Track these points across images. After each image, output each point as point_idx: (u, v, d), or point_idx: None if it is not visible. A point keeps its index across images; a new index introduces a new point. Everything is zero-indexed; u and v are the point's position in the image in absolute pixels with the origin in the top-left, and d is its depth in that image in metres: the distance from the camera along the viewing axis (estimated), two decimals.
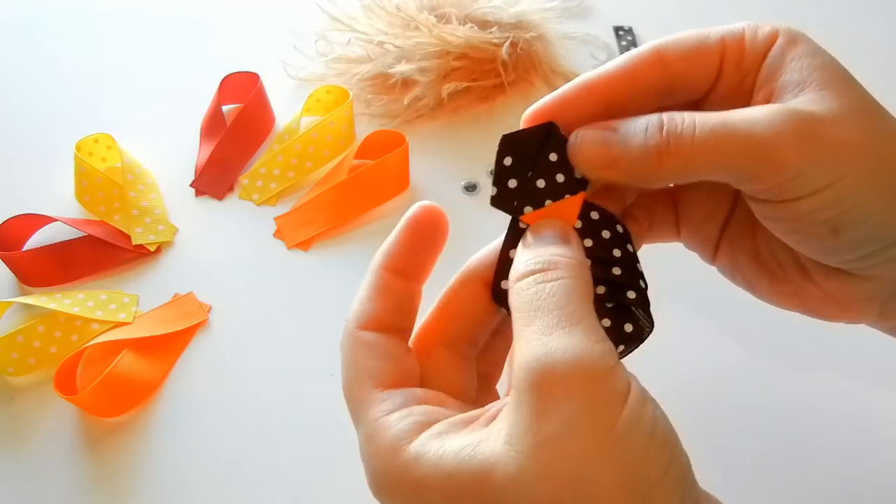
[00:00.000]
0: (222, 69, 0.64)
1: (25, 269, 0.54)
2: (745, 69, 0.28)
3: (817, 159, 0.25)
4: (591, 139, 0.27)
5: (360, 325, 0.27)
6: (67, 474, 0.45)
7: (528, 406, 0.21)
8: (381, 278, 0.28)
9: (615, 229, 0.28)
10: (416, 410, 0.25)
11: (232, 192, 0.59)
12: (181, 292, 0.53)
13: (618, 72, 0.28)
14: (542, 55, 0.65)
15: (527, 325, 0.23)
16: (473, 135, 0.62)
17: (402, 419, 0.24)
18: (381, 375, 0.26)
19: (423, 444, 0.23)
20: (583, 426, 0.21)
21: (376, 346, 0.27)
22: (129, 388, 0.48)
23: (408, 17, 0.62)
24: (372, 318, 0.27)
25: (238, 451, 0.46)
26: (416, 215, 0.29)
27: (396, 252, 0.29)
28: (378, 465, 0.24)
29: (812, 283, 0.30)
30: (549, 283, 0.24)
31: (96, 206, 0.57)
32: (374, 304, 0.28)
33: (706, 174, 0.26)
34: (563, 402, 0.21)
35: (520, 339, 0.23)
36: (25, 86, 0.68)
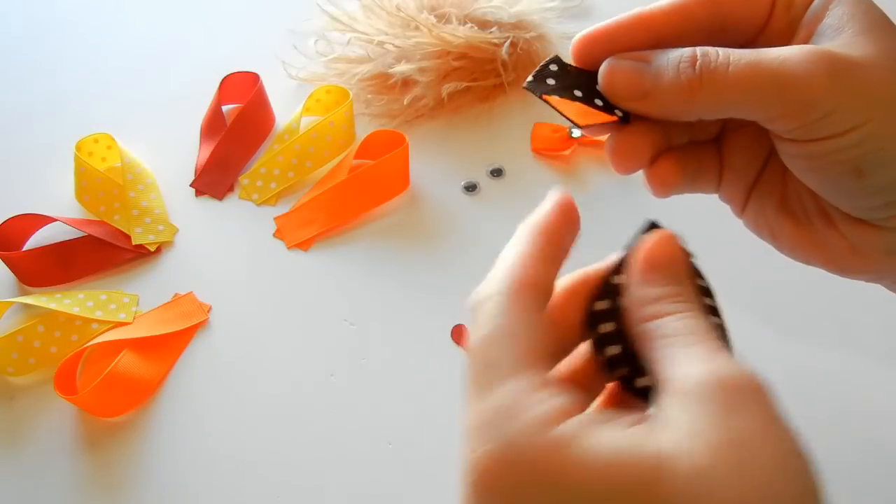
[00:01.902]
0: (222, 69, 0.64)
1: (25, 269, 0.54)
2: (794, 12, 0.28)
3: (847, 100, 0.25)
4: (623, 68, 0.28)
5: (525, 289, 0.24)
6: (67, 474, 0.45)
7: (711, 408, 0.21)
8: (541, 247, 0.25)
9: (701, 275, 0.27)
10: (565, 394, 0.22)
11: (232, 192, 0.59)
12: (181, 292, 0.53)
13: (669, 7, 0.29)
14: (542, 55, 0.65)
15: (690, 345, 0.23)
16: (473, 135, 0.62)
17: (552, 397, 0.22)
18: (536, 346, 0.23)
19: (576, 428, 0.21)
20: (775, 435, 0.21)
21: (532, 311, 0.24)
22: (129, 388, 0.48)
23: (408, 17, 0.62)
24: (537, 282, 0.25)
25: (238, 451, 0.46)
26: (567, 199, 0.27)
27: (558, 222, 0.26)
28: (510, 445, 0.21)
29: (836, 231, 0.30)
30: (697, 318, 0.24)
31: (96, 206, 0.57)
32: (539, 268, 0.25)
33: (736, 110, 0.27)
34: (746, 409, 0.21)
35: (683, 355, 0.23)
36: (25, 86, 0.68)
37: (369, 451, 0.46)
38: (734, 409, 0.21)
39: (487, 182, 0.59)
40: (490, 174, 0.59)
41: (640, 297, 0.25)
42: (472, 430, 0.23)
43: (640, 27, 0.29)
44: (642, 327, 0.24)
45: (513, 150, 0.61)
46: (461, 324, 0.51)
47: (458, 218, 0.57)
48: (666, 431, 0.21)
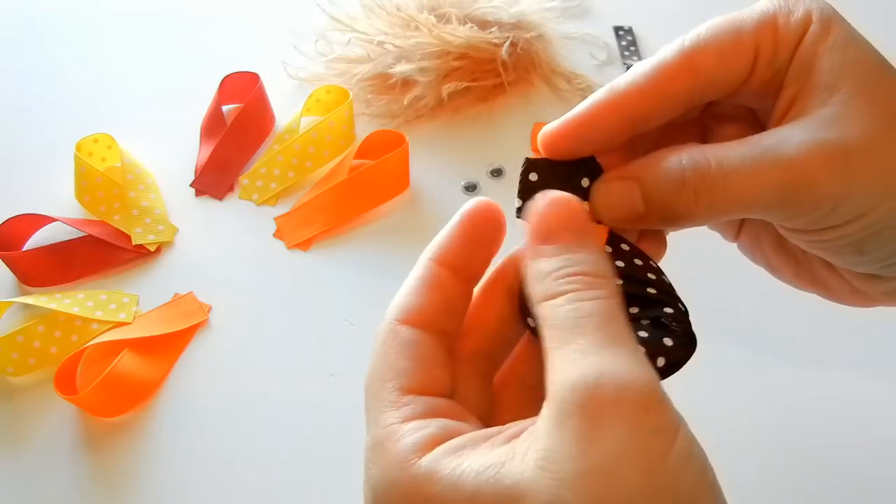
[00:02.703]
0: (222, 69, 0.64)
1: (25, 269, 0.54)
2: (777, 64, 0.27)
3: (852, 192, 0.24)
4: (616, 194, 0.26)
5: (402, 319, 0.25)
6: (67, 474, 0.45)
7: (569, 430, 0.19)
8: (431, 270, 0.25)
9: (647, 261, 0.27)
10: (434, 423, 0.22)
11: (232, 192, 0.59)
12: (181, 292, 0.53)
13: (644, 85, 0.27)
14: (542, 55, 0.65)
15: (565, 343, 0.21)
16: (473, 135, 0.62)
17: (417, 429, 0.22)
18: (408, 377, 0.24)
19: (437, 460, 0.21)
20: (635, 458, 0.19)
21: (413, 345, 0.24)
22: (129, 388, 0.48)
23: (408, 17, 0.62)
24: (417, 312, 0.25)
25: (238, 451, 0.46)
26: (475, 210, 0.26)
27: (451, 245, 0.26)
28: (383, 477, 0.22)
29: (837, 275, 0.29)
30: (587, 301, 0.22)
31: (96, 206, 0.57)
32: (420, 298, 0.25)
33: (738, 216, 0.26)
34: (612, 428, 0.19)
35: (558, 357, 0.21)
36: (25, 86, 0.68)
37: None
38: (597, 431, 0.19)
39: (487, 182, 0.59)
40: (490, 174, 0.59)
41: (531, 272, 0.23)
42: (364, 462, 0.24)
43: (612, 113, 0.27)
44: (536, 309, 0.23)
45: (513, 150, 0.61)
46: None
47: None
48: (527, 457, 0.20)
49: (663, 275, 0.27)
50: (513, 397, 0.27)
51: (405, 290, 0.26)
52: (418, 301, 0.25)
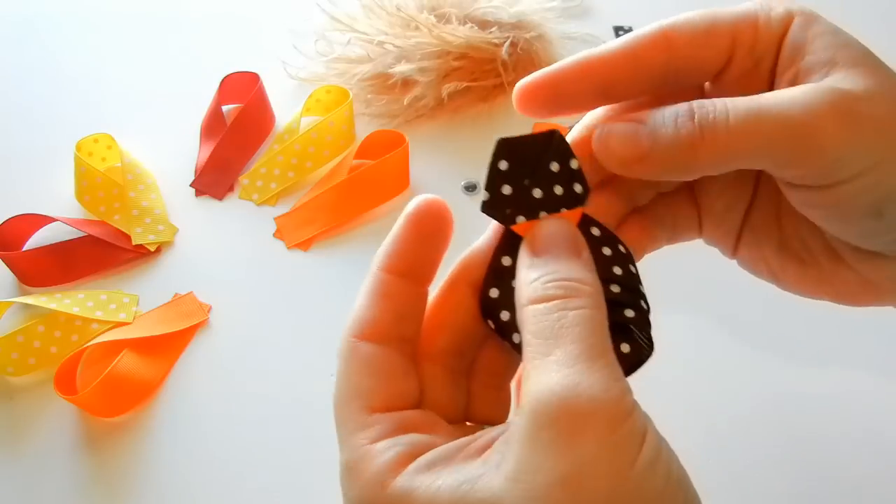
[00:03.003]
0: (222, 69, 0.64)
1: (25, 269, 0.54)
2: (759, 53, 0.27)
3: (858, 140, 0.24)
4: (619, 133, 0.26)
5: (358, 335, 0.25)
6: (67, 474, 0.45)
7: (542, 442, 0.20)
8: (380, 280, 0.26)
9: (617, 248, 0.27)
10: (404, 440, 0.23)
11: (232, 192, 0.59)
12: (181, 292, 0.53)
13: (619, 52, 0.27)
14: (542, 55, 0.65)
15: (545, 355, 0.21)
16: (473, 135, 0.62)
17: (387, 449, 0.22)
18: (371, 396, 0.24)
19: (412, 479, 0.21)
20: (602, 468, 0.20)
21: (372, 362, 0.24)
22: (129, 388, 0.48)
23: (408, 17, 0.62)
24: (370, 325, 0.25)
25: (238, 451, 0.46)
26: (417, 210, 0.26)
27: (398, 251, 0.26)
28: (360, 498, 0.22)
29: (845, 266, 0.28)
30: (570, 311, 0.22)
31: (96, 206, 0.57)
32: (373, 311, 0.25)
33: (742, 162, 0.25)
34: (582, 441, 0.20)
35: (535, 368, 0.21)
36: (25, 86, 0.68)
37: None
38: (566, 442, 0.20)
39: None
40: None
41: (522, 280, 0.24)
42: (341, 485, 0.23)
43: (587, 75, 0.27)
44: (521, 314, 0.23)
45: None
46: None
47: (458, 218, 0.56)
48: (500, 469, 0.20)
49: (632, 264, 0.27)
50: (485, 386, 0.27)
51: (358, 304, 0.26)
52: (371, 314, 0.25)
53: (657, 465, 0.20)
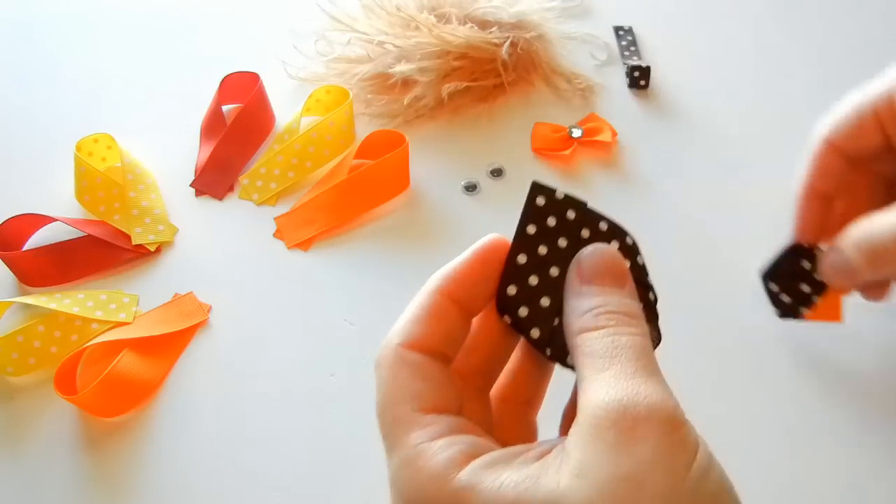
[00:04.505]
0: (222, 69, 0.64)
1: (25, 269, 0.54)
2: None
3: None
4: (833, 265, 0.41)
5: (406, 345, 0.26)
6: (67, 474, 0.45)
7: (604, 443, 0.21)
8: (436, 303, 0.26)
9: (624, 240, 0.27)
10: (463, 439, 0.23)
11: (232, 192, 0.59)
12: (181, 292, 0.53)
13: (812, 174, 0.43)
14: (542, 55, 0.65)
15: (601, 370, 0.23)
16: (473, 135, 0.62)
17: (448, 446, 0.23)
18: (423, 399, 0.25)
19: (476, 474, 0.22)
20: (662, 468, 0.21)
21: (422, 368, 0.25)
22: (129, 388, 0.48)
23: (408, 16, 0.62)
24: (420, 340, 0.26)
25: (238, 451, 0.46)
26: (487, 245, 0.27)
27: (459, 279, 0.27)
28: (420, 493, 0.23)
29: None
30: (623, 336, 0.24)
31: (96, 206, 0.57)
32: (425, 327, 0.26)
33: None
34: (642, 443, 0.21)
35: (592, 381, 0.23)
36: (25, 86, 0.68)
37: (369, 452, 0.46)
38: (629, 444, 0.21)
39: (487, 182, 0.59)
40: (490, 174, 0.59)
41: (573, 309, 0.25)
42: (390, 489, 0.24)
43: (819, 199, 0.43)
44: (573, 341, 0.25)
45: (513, 150, 0.61)
46: None
47: (458, 218, 0.57)
48: (561, 469, 0.21)
49: (639, 255, 0.27)
50: (511, 411, 0.28)
51: (410, 317, 0.26)
52: (423, 330, 0.26)
53: (710, 472, 0.22)
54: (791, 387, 0.48)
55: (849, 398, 0.47)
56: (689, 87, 0.65)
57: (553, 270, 0.26)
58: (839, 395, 0.48)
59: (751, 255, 0.55)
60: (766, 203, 0.58)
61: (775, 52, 0.68)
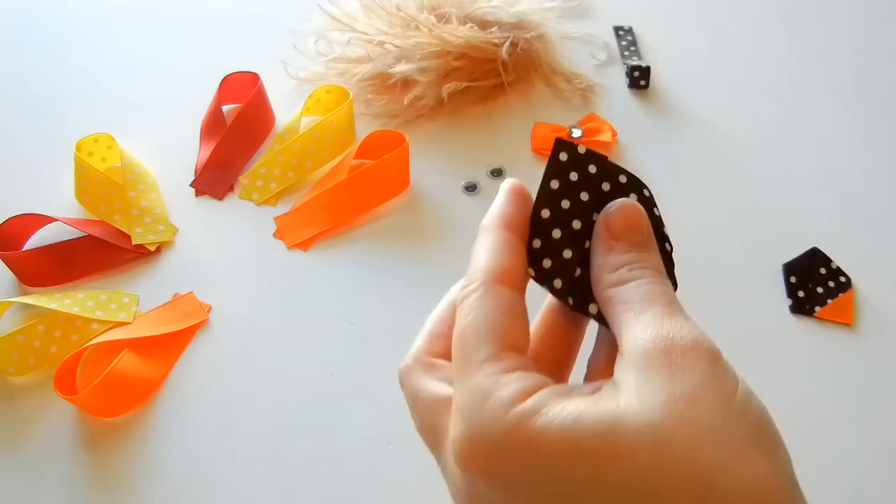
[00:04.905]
0: (222, 69, 0.64)
1: (25, 269, 0.54)
2: None
3: None
4: None
5: (497, 279, 0.26)
6: (67, 474, 0.45)
7: (657, 370, 0.23)
8: (507, 237, 0.27)
9: (642, 193, 0.28)
10: (532, 375, 0.25)
11: (232, 192, 0.59)
12: (181, 292, 0.53)
13: None
14: (542, 55, 0.65)
15: (638, 313, 0.25)
16: (473, 135, 0.62)
17: (519, 379, 0.24)
18: (508, 334, 0.25)
19: (540, 401, 0.23)
20: (713, 389, 0.23)
21: (513, 303, 0.26)
22: (129, 388, 0.48)
23: (408, 17, 0.62)
24: (509, 273, 0.26)
25: (237, 451, 0.46)
26: (512, 184, 0.28)
27: (512, 213, 0.27)
28: (488, 418, 0.23)
29: None
30: (656, 286, 0.26)
31: (96, 206, 0.57)
32: (507, 260, 0.26)
33: None
34: (693, 368, 0.23)
35: (635, 322, 0.25)
36: (25, 86, 0.68)
37: (369, 451, 0.46)
38: (680, 370, 0.23)
39: (487, 182, 0.59)
40: (490, 174, 0.59)
41: (603, 265, 0.27)
42: (454, 416, 0.25)
43: None
44: (605, 293, 0.26)
45: (513, 150, 0.61)
46: None
47: (458, 218, 0.57)
48: (619, 395, 0.23)
49: (655, 207, 0.28)
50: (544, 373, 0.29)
51: (490, 254, 0.27)
52: (508, 263, 0.26)
53: (752, 398, 0.23)
54: (790, 386, 0.48)
55: (849, 398, 0.48)
56: (689, 87, 0.65)
57: (575, 223, 0.27)
58: (840, 394, 0.48)
59: (750, 255, 0.55)
60: (766, 202, 0.58)
61: (775, 52, 0.68)
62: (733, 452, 0.22)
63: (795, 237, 0.55)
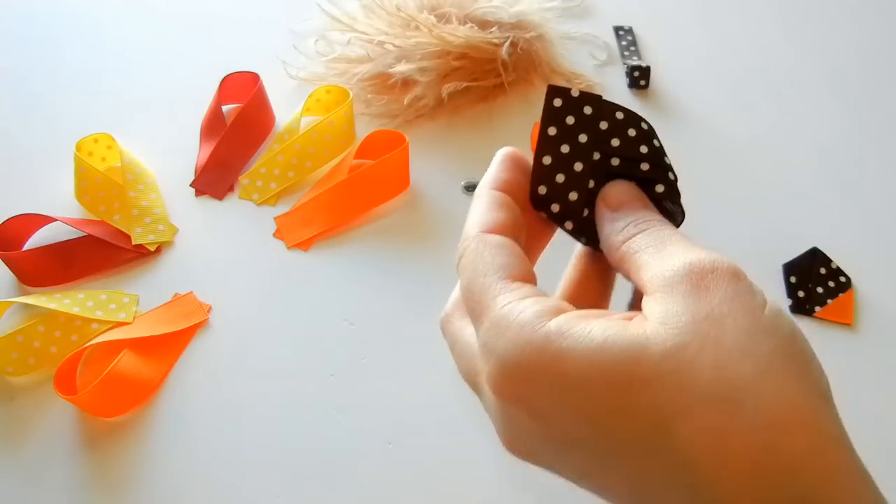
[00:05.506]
0: (222, 69, 0.64)
1: (25, 269, 0.54)
2: None
3: None
4: None
5: (487, 230, 0.27)
6: (67, 474, 0.45)
7: (681, 294, 0.23)
8: (496, 196, 0.28)
9: (640, 126, 0.28)
10: (548, 300, 0.25)
11: (232, 192, 0.59)
12: (181, 292, 0.53)
13: None
14: (542, 55, 0.65)
15: (657, 252, 0.25)
16: (473, 135, 0.62)
17: (538, 303, 0.24)
18: (510, 270, 0.26)
19: (566, 322, 0.23)
20: (739, 307, 0.23)
21: (505, 245, 0.27)
22: (129, 388, 0.48)
23: (408, 16, 0.62)
24: (497, 224, 0.27)
25: (238, 451, 0.46)
26: (505, 152, 0.31)
27: (503, 177, 0.29)
28: (513, 342, 0.24)
29: None
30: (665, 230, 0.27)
31: (96, 206, 0.57)
32: (497, 214, 0.28)
33: None
34: (716, 288, 0.23)
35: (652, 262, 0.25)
36: (26, 85, 0.68)
37: (369, 451, 0.46)
38: (703, 291, 0.23)
39: None
40: None
41: (611, 231, 0.28)
42: (480, 353, 0.25)
43: None
44: (618, 253, 0.27)
45: None
46: None
47: (458, 218, 0.56)
48: (646, 322, 0.23)
49: (656, 139, 0.29)
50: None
51: (479, 212, 0.28)
52: (496, 217, 0.28)
53: (782, 315, 0.23)
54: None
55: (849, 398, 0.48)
56: (689, 87, 0.66)
57: (577, 166, 0.28)
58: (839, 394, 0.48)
59: (750, 254, 0.55)
60: (766, 202, 0.58)
61: (775, 52, 0.68)
62: (761, 369, 0.21)
63: (795, 237, 0.55)
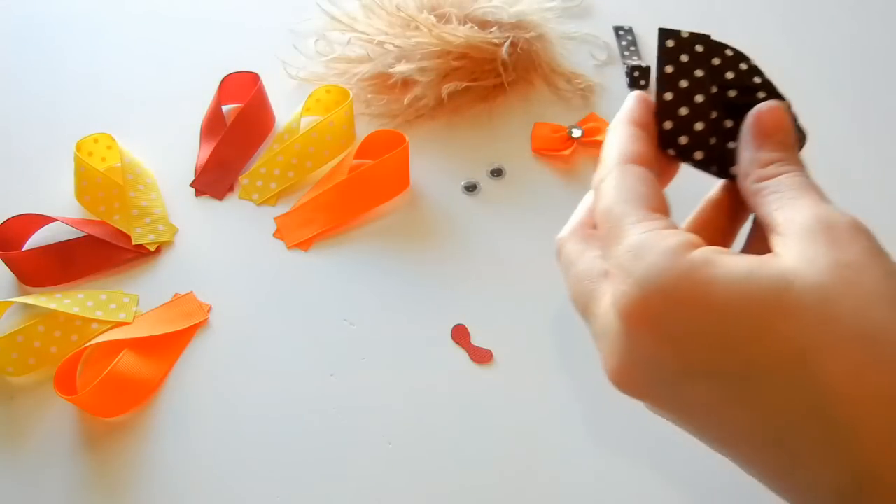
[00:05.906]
0: (222, 69, 0.64)
1: (25, 269, 0.54)
2: None
3: None
4: None
5: (630, 161, 0.28)
6: (67, 474, 0.45)
7: (821, 241, 0.24)
8: (633, 131, 0.29)
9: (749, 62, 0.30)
10: (687, 233, 0.25)
11: (232, 192, 0.59)
12: (181, 292, 0.53)
13: None
14: (542, 55, 0.65)
15: (796, 198, 0.26)
16: (473, 135, 0.62)
17: (677, 234, 0.25)
18: (650, 200, 0.27)
19: (710, 253, 0.24)
20: (879, 262, 0.23)
21: (646, 177, 0.27)
22: (129, 388, 0.48)
23: (408, 16, 0.62)
24: (638, 156, 0.28)
25: (238, 451, 0.46)
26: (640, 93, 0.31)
27: (638, 112, 0.30)
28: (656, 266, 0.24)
29: None
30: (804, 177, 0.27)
31: (96, 206, 0.57)
32: (636, 146, 0.28)
33: None
34: (855, 242, 0.24)
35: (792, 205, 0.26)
36: (25, 85, 0.68)
37: (369, 451, 0.46)
38: (840, 242, 0.24)
39: (487, 182, 0.59)
40: (490, 174, 0.59)
41: (753, 160, 0.28)
42: (616, 277, 0.25)
43: None
44: (756, 185, 0.28)
45: (513, 150, 0.61)
46: (461, 324, 0.51)
47: (458, 218, 0.57)
48: (785, 259, 0.24)
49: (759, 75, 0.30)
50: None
51: (619, 143, 0.29)
52: (636, 147, 0.28)
53: None
54: None
55: None
56: None
57: (698, 98, 0.30)
58: None
59: None
60: None
61: (775, 52, 0.68)
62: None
63: None
